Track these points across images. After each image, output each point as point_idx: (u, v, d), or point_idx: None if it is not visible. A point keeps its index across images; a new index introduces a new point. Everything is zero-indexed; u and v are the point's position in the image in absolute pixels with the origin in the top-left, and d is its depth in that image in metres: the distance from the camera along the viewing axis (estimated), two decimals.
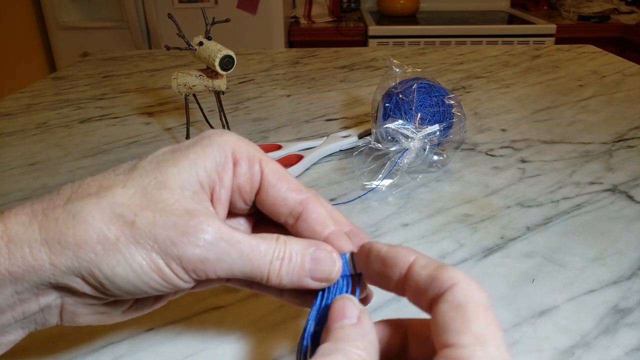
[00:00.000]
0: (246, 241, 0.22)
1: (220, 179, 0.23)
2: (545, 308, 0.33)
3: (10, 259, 0.20)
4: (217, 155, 0.23)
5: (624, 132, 0.62)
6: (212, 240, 0.21)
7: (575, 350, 0.30)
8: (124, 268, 0.20)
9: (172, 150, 0.23)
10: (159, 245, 0.21)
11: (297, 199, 0.24)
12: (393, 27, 1.93)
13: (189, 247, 0.21)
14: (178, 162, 0.22)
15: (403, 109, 0.50)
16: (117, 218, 0.21)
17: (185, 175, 0.22)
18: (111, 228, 0.20)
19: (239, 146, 0.24)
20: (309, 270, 0.22)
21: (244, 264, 0.22)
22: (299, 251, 0.23)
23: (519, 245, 0.40)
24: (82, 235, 0.20)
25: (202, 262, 0.21)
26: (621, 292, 0.35)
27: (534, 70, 0.89)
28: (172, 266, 0.21)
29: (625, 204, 0.46)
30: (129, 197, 0.21)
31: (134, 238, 0.20)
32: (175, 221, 0.21)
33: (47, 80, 0.90)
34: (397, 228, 0.43)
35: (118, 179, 0.22)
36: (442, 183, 0.50)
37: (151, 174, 0.22)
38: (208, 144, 0.23)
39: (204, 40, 0.52)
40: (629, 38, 1.90)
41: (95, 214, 0.21)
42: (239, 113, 0.71)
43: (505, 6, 2.27)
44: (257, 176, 0.24)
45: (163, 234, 0.21)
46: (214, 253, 0.21)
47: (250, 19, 1.76)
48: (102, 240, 0.20)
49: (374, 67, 0.94)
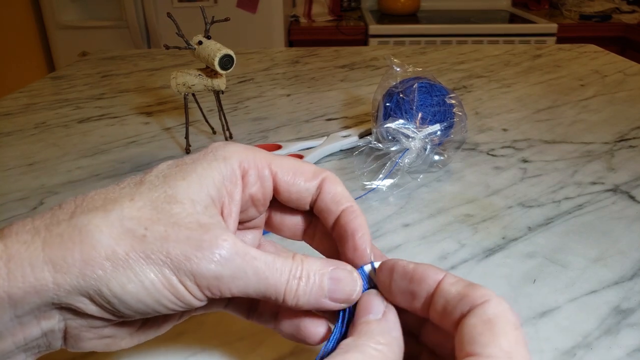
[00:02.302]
0: (262, 258, 0.21)
1: (229, 194, 0.23)
2: (546, 308, 0.33)
3: (10, 280, 0.18)
4: (224, 169, 0.22)
5: (625, 131, 0.62)
6: (227, 256, 0.20)
7: (577, 351, 0.30)
8: (134, 285, 0.19)
9: (177, 165, 0.23)
10: (172, 260, 0.19)
11: (315, 185, 0.24)
12: (394, 26, 1.93)
13: (203, 262, 0.20)
14: (187, 176, 0.22)
15: (404, 108, 0.49)
16: (126, 232, 0.19)
17: (195, 189, 0.21)
18: (120, 243, 0.19)
19: (245, 156, 0.23)
20: (328, 291, 0.21)
21: (260, 282, 0.21)
22: (317, 270, 0.21)
23: (520, 246, 0.40)
24: (89, 251, 0.19)
25: (216, 278, 0.20)
26: (623, 292, 0.35)
27: (535, 70, 0.89)
28: (185, 283, 0.20)
29: (627, 204, 0.46)
30: (138, 210, 0.20)
31: (145, 254, 0.19)
32: (189, 235, 0.20)
33: (46, 79, 0.90)
34: (397, 228, 0.42)
35: (124, 192, 0.21)
36: (443, 183, 0.50)
37: (160, 188, 0.21)
38: (214, 158, 0.23)
39: (204, 40, 0.51)
40: (631, 37, 1.90)
41: (104, 228, 0.19)
42: (238, 113, 0.70)
43: (507, 5, 2.27)
44: (269, 182, 0.24)
45: (176, 248, 0.19)
46: (230, 270, 0.20)
47: (249, 18, 1.75)
48: (111, 257, 0.19)
49: (374, 67, 0.93)
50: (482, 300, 0.17)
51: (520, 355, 0.16)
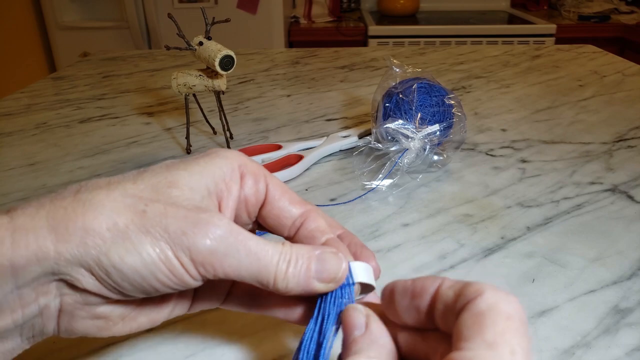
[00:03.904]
0: (255, 240, 0.22)
1: (227, 189, 0.24)
2: (545, 308, 0.33)
3: (14, 248, 0.19)
4: (224, 166, 0.24)
5: (624, 132, 0.62)
6: (222, 234, 0.21)
7: (576, 351, 0.30)
8: (132, 256, 0.20)
9: (182, 161, 0.24)
10: (170, 235, 0.20)
11: (300, 211, 0.25)
12: (393, 27, 1.93)
13: (198, 237, 0.21)
14: (188, 167, 0.23)
15: (403, 108, 0.50)
16: (127, 207, 0.21)
17: (195, 179, 0.23)
18: (121, 216, 0.20)
19: (245, 162, 0.25)
20: (316, 272, 0.22)
21: (252, 264, 0.21)
22: (304, 254, 0.23)
23: (519, 246, 0.40)
24: (91, 221, 0.20)
25: (211, 254, 0.21)
26: (621, 292, 0.35)
27: (534, 70, 0.89)
28: (181, 258, 0.21)
29: (625, 204, 0.46)
30: (140, 190, 0.21)
31: (144, 227, 0.20)
32: (186, 214, 0.21)
33: (47, 80, 0.90)
34: (397, 228, 0.43)
35: (127, 177, 0.22)
36: (442, 183, 0.50)
37: (161, 175, 0.22)
38: (216, 156, 0.24)
39: (204, 40, 0.52)
40: (629, 38, 1.90)
41: (106, 202, 0.21)
42: (239, 113, 0.71)
43: (506, 6, 2.27)
44: (262, 191, 0.25)
45: (174, 224, 0.21)
46: (224, 246, 0.21)
47: (250, 19, 1.76)
48: (112, 228, 0.20)
49: (374, 67, 0.94)
50: (474, 295, 0.17)
51: (508, 344, 0.16)
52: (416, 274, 0.37)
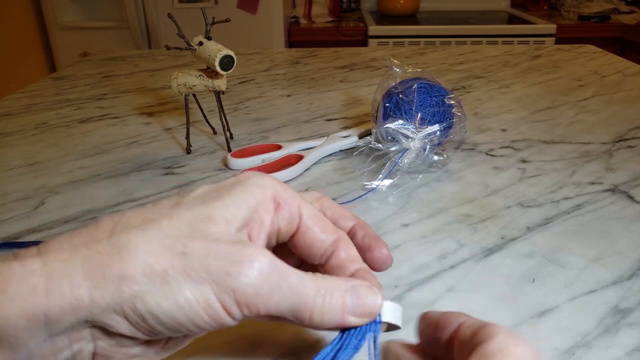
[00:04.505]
0: (295, 274, 0.21)
1: (261, 220, 0.23)
2: (545, 308, 0.33)
3: (49, 298, 0.18)
4: (259, 195, 0.23)
5: (624, 132, 0.62)
6: (266, 271, 0.20)
7: (576, 351, 0.30)
8: (170, 302, 0.19)
9: (215, 189, 0.23)
10: (212, 277, 0.20)
11: (331, 239, 0.24)
12: (393, 27, 1.93)
13: (243, 277, 0.20)
14: (223, 197, 0.22)
15: (403, 109, 0.50)
16: (165, 249, 0.20)
17: (231, 210, 0.22)
18: (159, 260, 0.20)
19: (279, 190, 0.24)
20: (351, 306, 0.22)
21: (292, 299, 0.21)
22: (339, 286, 0.22)
23: (519, 246, 0.40)
24: (128, 267, 0.19)
25: (256, 294, 0.20)
26: (621, 292, 0.35)
27: (534, 70, 0.89)
28: (224, 301, 0.20)
29: (625, 204, 0.46)
30: (176, 229, 0.20)
31: (184, 271, 0.20)
32: (227, 251, 0.20)
33: (47, 80, 0.90)
34: (397, 228, 0.43)
35: (163, 212, 0.21)
36: (442, 183, 0.50)
37: (196, 209, 0.22)
38: (250, 184, 0.23)
39: (204, 40, 0.52)
40: (629, 38, 1.90)
41: (142, 245, 0.20)
42: (239, 113, 0.71)
43: (505, 6, 2.27)
44: (295, 220, 0.24)
45: (215, 264, 0.20)
46: (268, 284, 0.20)
47: (250, 19, 1.76)
48: (149, 273, 0.19)
49: (374, 67, 0.94)
50: (487, 337, 0.17)
51: None
52: (416, 274, 0.37)
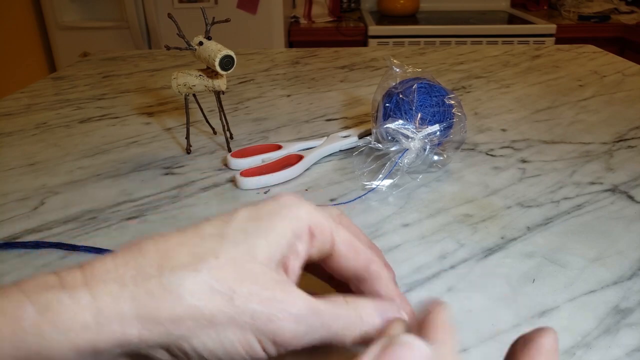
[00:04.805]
0: (328, 310, 0.22)
1: (296, 252, 0.24)
2: (545, 308, 0.33)
3: (99, 334, 0.19)
4: (296, 228, 0.24)
5: (624, 132, 0.62)
6: (304, 315, 0.22)
7: (576, 351, 0.30)
8: (214, 344, 0.20)
9: (255, 219, 0.23)
10: (256, 323, 0.21)
11: (363, 265, 0.25)
12: (393, 27, 1.93)
13: (284, 322, 0.21)
14: (267, 234, 0.23)
15: (403, 109, 0.50)
16: (214, 294, 0.20)
17: (273, 249, 0.23)
18: (208, 305, 0.20)
19: (317, 219, 0.24)
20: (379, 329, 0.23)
21: (324, 333, 0.22)
22: (370, 312, 0.23)
23: (520, 246, 0.40)
24: (178, 311, 0.20)
25: (294, 337, 0.21)
26: (622, 292, 0.35)
27: (534, 70, 0.89)
28: (264, 343, 0.21)
29: (625, 204, 0.46)
30: (223, 271, 0.21)
31: (231, 316, 0.20)
32: (270, 296, 0.21)
33: (47, 80, 0.90)
34: (397, 228, 0.43)
35: (208, 246, 0.22)
36: (442, 183, 0.50)
37: (241, 246, 0.22)
38: (289, 216, 0.24)
39: (204, 40, 0.52)
40: (629, 38, 1.90)
41: (193, 289, 0.20)
42: (239, 113, 0.71)
43: (506, 6, 2.27)
44: (328, 247, 0.25)
45: (259, 311, 0.21)
46: (305, 327, 0.22)
47: (250, 19, 1.76)
48: (197, 316, 0.20)
49: (374, 67, 0.93)
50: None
51: None
52: (416, 274, 0.37)
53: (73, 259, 0.39)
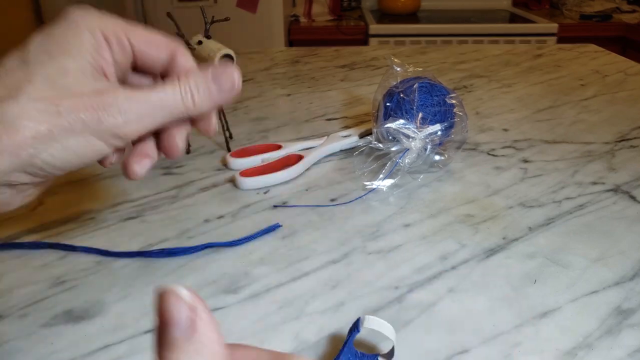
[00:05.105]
0: (154, 94, 0.25)
1: (103, 58, 0.26)
2: (547, 309, 0.33)
3: None
4: (92, 39, 0.25)
5: (626, 131, 0.62)
6: (128, 106, 0.24)
7: (578, 352, 0.30)
8: (62, 154, 0.23)
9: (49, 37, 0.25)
10: (89, 127, 0.23)
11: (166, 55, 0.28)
12: (394, 25, 1.93)
13: (112, 118, 0.24)
14: (67, 50, 0.24)
15: (404, 108, 0.49)
16: (41, 113, 0.23)
17: (78, 61, 0.24)
18: (41, 124, 0.23)
19: (105, 25, 0.26)
20: (217, 90, 0.27)
21: (163, 111, 0.25)
22: (200, 80, 0.26)
23: (521, 246, 0.40)
24: (15, 136, 0.22)
25: (126, 123, 0.24)
26: (624, 293, 0.34)
27: (535, 70, 0.89)
28: (106, 139, 0.24)
29: (627, 204, 0.45)
30: (42, 91, 0.23)
31: (64, 127, 0.23)
32: (93, 102, 0.24)
33: None
34: (398, 228, 0.42)
35: (18, 75, 0.23)
36: (443, 183, 0.50)
37: (49, 66, 0.24)
38: (78, 30, 0.25)
39: (204, 39, 0.51)
40: (631, 37, 1.90)
41: (22, 115, 0.22)
42: (238, 112, 0.70)
43: (507, 5, 2.26)
44: (128, 48, 0.27)
45: (88, 115, 0.23)
46: (135, 115, 0.24)
47: (250, 17, 1.75)
48: (37, 135, 0.23)
49: (374, 66, 0.93)
50: None
51: None
52: (417, 274, 0.37)
53: (72, 259, 0.39)
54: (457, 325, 0.32)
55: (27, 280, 0.37)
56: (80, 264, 0.39)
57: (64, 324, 0.33)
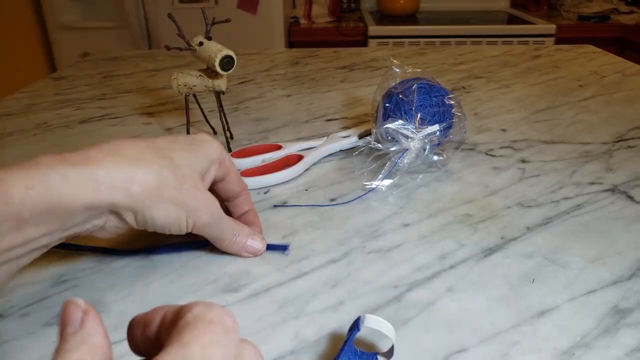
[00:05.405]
0: (228, 220, 0.37)
1: (210, 171, 0.37)
2: (545, 308, 0.33)
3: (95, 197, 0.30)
4: (213, 155, 0.37)
5: (624, 132, 0.62)
6: (216, 215, 0.36)
7: (575, 351, 0.30)
8: (163, 216, 0.33)
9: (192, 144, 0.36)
10: (188, 209, 0.34)
11: (241, 187, 0.41)
12: (393, 27, 1.93)
13: (203, 215, 0.35)
14: (199, 155, 0.36)
15: (403, 109, 0.50)
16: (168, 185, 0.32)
17: (201, 165, 0.36)
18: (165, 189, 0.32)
19: (223, 152, 0.38)
20: (248, 246, 0.39)
21: (219, 233, 0.37)
22: (245, 231, 0.39)
23: (519, 246, 0.40)
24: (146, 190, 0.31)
25: (205, 226, 0.35)
26: (621, 292, 0.35)
27: (534, 71, 0.89)
28: (188, 222, 0.34)
29: (625, 204, 0.46)
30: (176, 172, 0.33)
31: (176, 201, 0.33)
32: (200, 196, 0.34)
33: (47, 80, 0.90)
34: (397, 228, 0.43)
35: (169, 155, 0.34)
36: (442, 183, 0.50)
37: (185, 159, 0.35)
38: (204, 146, 0.36)
39: (204, 41, 0.52)
40: (629, 38, 1.90)
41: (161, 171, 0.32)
42: (239, 113, 0.71)
43: (505, 6, 2.27)
44: (226, 173, 0.39)
45: (192, 204, 0.34)
46: (212, 223, 0.36)
47: (250, 19, 1.76)
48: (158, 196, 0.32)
49: (374, 67, 0.94)
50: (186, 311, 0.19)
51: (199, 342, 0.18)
52: (416, 274, 0.37)
53: (73, 258, 0.39)
54: (456, 324, 0.32)
55: (28, 279, 0.37)
56: (81, 263, 0.39)
57: None
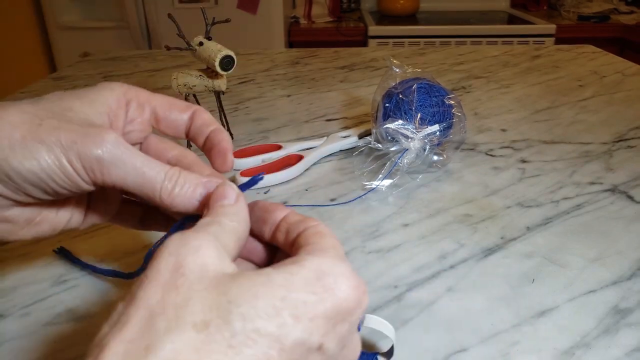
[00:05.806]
0: (141, 158, 0.24)
1: (116, 116, 0.27)
2: (545, 308, 0.33)
3: None
4: (110, 96, 0.27)
5: (623, 132, 0.62)
6: (110, 147, 0.24)
7: (575, 351, 0.30)
8: (30, 162, 0.23)
9: (72, 92, 0.26)
10: (62, 144, 0.23)
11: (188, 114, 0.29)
12: (393, 27, 1.93)
13: (88, 146, 0.23)
14: (80, 97, 0.26)
15: (403, 109, 0.50)
16: (24, 122, 0.23)
17: (87, 107, 0.26)
18: (18, 130, 0.23)
19: (128, 89, 0.28)
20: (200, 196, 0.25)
21: (137, 177, 0.24)
22: (192, 180, 0.25)
23: (519, 246, 0.40)
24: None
25: (98, 162, 0.23)
26: (621, 292, 0.35)
27: (534, 71, 0.89)
28: (73, 163, 0.23)
29: (625, 204, 0.46)
30: (36, 110, 0.24)
31: (39, 137, 0.23)
32: (77, 128, 0.24)
33: (48, 80, 0.90)
34: (397, 228, 0.43)
35: (24, 101, 0.25)
36: (442, 183, 0.50)
37: (56, 102, 0.25)
38: (103, 88, 0.27)
39: (204, 41, 0.52)
40: (629, 38, 1.90)
41: (4, 118, 0.23)
42: (239, 113, 0.71)
43: (505, 6, 2.27)
44: (147, 111, 0.28)
45: (66, 135, 0.23)
46: (110, 157, 0.24)
47: (250, 19, 1.76)
48: (10, 139, 0.23)
49: (374, 67, 0.94)
50: (314, 223, 0.23)
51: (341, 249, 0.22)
52: (416, 274, 0.37)
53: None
54: (456, 324, 0.32)
55: (29, 279, 0.37)
56: None
57: (66, 323, 0.33)
